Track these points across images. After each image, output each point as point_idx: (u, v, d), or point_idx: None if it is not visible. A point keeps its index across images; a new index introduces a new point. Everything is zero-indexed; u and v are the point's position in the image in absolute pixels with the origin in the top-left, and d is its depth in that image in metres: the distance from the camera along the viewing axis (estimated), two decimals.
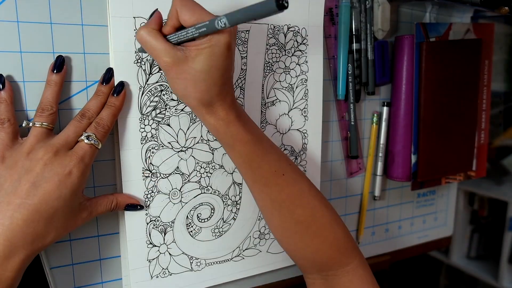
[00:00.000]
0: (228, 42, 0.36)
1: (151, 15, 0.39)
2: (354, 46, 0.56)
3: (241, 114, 0.41)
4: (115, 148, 0.44)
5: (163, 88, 0.44)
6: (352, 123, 0.58)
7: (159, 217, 0.46)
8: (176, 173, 0.46)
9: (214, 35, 0.35)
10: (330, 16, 0.55)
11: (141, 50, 0.42)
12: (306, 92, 0.53)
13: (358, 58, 0.56)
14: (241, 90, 0.49)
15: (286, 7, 0.29)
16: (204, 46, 0.35)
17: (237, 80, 0.48)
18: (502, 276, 1.33)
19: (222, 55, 0.36)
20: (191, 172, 0.47)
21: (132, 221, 0.44)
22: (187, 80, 0.37)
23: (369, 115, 0.61)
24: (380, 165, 0.62)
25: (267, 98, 0.50)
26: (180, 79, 0.37)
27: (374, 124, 0.61)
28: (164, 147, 0.45)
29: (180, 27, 0.37)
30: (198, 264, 0.49)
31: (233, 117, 0.39)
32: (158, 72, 0.43)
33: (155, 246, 0.46)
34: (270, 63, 0.50)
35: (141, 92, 0.43)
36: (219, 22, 0.32)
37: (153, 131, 0.44)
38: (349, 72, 0.56)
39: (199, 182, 0.48)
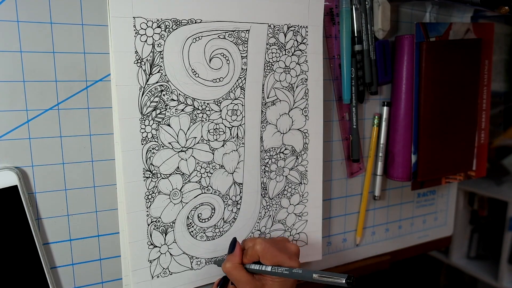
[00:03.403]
0: (296, 281, 0.47)
1: (231, 246, 0.47)
2: (356, 47, 0.56)
3: None
4: (115, 148, 0.44)
5: (163, 88, 0.44)
6: (354, 126, 0.58)
7: (160, 217, 0.46)
8: (176, 173, 0.46)
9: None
10: (331, 16, 0.55)
11: (218, 264, 0.50)
12: (306, 92, 0.53)
13: (361, 59, 0.56)
14: (242, 90, 0.49)
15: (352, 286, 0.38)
16: (278, 280, 0.45)
17: (237, 80, 0.48)
18: (502, 276, 1.33)
19: (290, 286, 0.46)
20: (192, 172, 0.47)
21: (134, 223, 0.44)
22: None
23: (369, 115, 0.61)
24: (380, 165, 0.62)
25: (268, 98, 0.50)
26: None
27: (374, 125, 0.61)
28: (165, 147, 0.45)
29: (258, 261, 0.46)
30: (198, 263, 0.49)
31: None
32: (158, 72, 0.43)
33: (156, 246, 0.46)
34: (270, 63, 0.50)
35: (141, 93, 0.43)
36: (295, 271, 0.43)
37: (154, 132, 0.44)
38: (353, 76, 0.56)
39: (200, 182, 0.48)
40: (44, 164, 0.41)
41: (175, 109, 0.45)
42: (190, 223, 0.48)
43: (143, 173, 0.44)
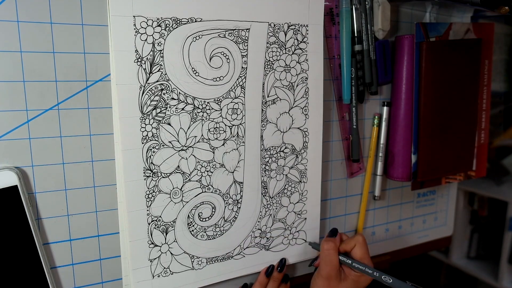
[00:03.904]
0: (368, 283, 0.50)
1: (332, 231, 0.52)
2: (356, 47, 0.56)
3: None
4: (116, 148, 0.44)
5: (163, 87, 0.44)
6: (354, 126, 0.58)
7: (160, 217, 0.46)
8: (177, 172, 0.46)
9: (365, 275, 0.48)
10: (331, 16, 0.55)
11: (315, 247, 0.55)
12: (306, 91, 0.53)
13: (361, 59, 0.56)
14: (242, 89, 0.49)
15: None
16: (355, 274, 0.49)
17: (237, 79, 0.48)
18: (502, 276, 1.33)
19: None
20: (192, 171, 0.47)
21: (134, 222, 0.44)
22: None
23: (369, 115, 0.61)
24: (380, 165, 0.62)
25: (268, 97, 0.50)
26: (328, 287, 0.49)
27: (374, 125, 0.61)
28: (165, 146, 0.45)
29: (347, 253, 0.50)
30: (199, 262, 0.49)
31: None
32: (158, 71, 0.43)
33: (157, 246, 0.46)
34: (270, 62, 0.50)
35: (141, 91, 0.43)
36: (385, 278, 0.47)
37: (154, 131, 0.44)
38: (352, 76, 0.56)
39: (200, 181, 0.48)
40: (44, 164, 0.41)
41: (176, 108, 0.45)
42: (191, 222, 0.48)
43: (144, 172, 0.44)
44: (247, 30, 0.48)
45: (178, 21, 0.44)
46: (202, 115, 0.47)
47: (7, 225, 0.40)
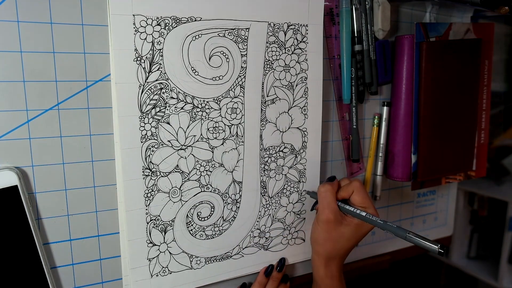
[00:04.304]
0: (369, 231, 0.50)
1: (331, 178, 0.51)
2: (356, 47, 0.56)
3: (341, 275, 0.51)
4: (115, 148, 0.44)
5: (162, 86, 0.44)
6: (354, 126, 0.58)
7: (159, 216, 0.46)
8: (176, 172, 0.46)
9: (366, 223, 0.48)
10: (331, 16, 0.55)
11: (312, 196, 0.54)
12: (306, 90, 0.53)
13: (361, 59, 0.56)
14: (241, 88, 0.49)
15: (443, 255, 0.40)
16: (356, 222, 0.48)
17: (237, 78, 0.48)
18: (502, 276, 1.33)
19: (362, 235, 0.49)
20: (191, 171, 0.47)
21: (133, 221, 0.44)
22: (330, 236, 0.48)
23: (369, 115, 0.61)
24: (380, 165, 0.62)
25: (267, 96, 0.50)
26: (327, 232, 0.48)
27: (374, 125, 0.61)
28: (164, 145, 0.45)
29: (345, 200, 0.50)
30: (198, 262, 0.49)
31: (337, 275, 0.50)
32: (157, 70, 0.43)
33: (155, 245, 0.46)
34: (270, 61, 0.50)
35: (140, 90, 0.43)
36: (378, 222, 0.46)
37: (153, 130, 0.44)
38: (352, 76, 0.56)
39: (199, 180, 0.48)
40: (44, 164, 0.41)
41: (175, 107, 0.45)
42: (190, 221, 0.48)
43: (143, 171, 0.44)
44: (247, 30, 0.48)
45: (177, 20, 0.44)
46: (202, 115, 0.47)
47: (7, 225, 0.40)
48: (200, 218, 0.49)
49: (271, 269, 0.54)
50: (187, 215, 0.48)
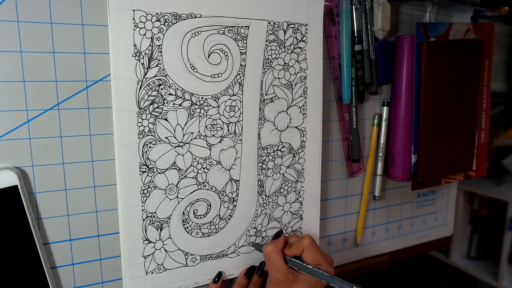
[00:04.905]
0: (325, 286, 0.47)
1: (277, 234, 0.51)
2: (356, 47, 0.56)
3: None
4: (115, 147, 0.44)
5: (161, 83, 0.44)
6: (354, 126, 0.58)
7: (155, 213, 0.46)
8: (173, 169, 0.46)
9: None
10: (331, 16, 0.55)
11: (258, 249, 0.52)
12: (305, 90, 0.53)
13: (361, 59, 0.56)
14: (240, 87, 0.49)
15: None
16: (310, 279, 0.46)
17: (235, 76, 0.48)
18: (502, 276, 1.33)
19: None
20: (188, 168, 0.47)
21: (129, 218, 0.44)
22: None
23: (369, 115, 0.61)
24: (380, 165, 0.62)
25: (266, 95, 0.50)
26: None
27: (374, 125, 0.61)
28: (161, 142, 0.45)
29: (298, 257, 0.48)
30: (193, 260, 0.49)
31: None
32: (156, 66, 0.43)
33: (151, 242, 0.46)
34: (269, 60, 0.50)
35: (139, 86, 0.43)
36: (332, 282, 0.44)
37: (151, 126, 0.44)
38: (352, 76, 0.56)
39: (196, 178, 0.48)
40: (44, 164, 0.41)
41: (173, 104, 0.45)
42: (186, 219, 0.48)
43: (139, 167, 0.44)
44: (247, 28, 0.48)
45: (177, 17, 0.44)
46: (200, 112, 0.47)
47: (7, 225, 0.40)
48: (196, 216, 0.49)
49: (251, 272, 0.53)
50: (184, 212, 0.48)
